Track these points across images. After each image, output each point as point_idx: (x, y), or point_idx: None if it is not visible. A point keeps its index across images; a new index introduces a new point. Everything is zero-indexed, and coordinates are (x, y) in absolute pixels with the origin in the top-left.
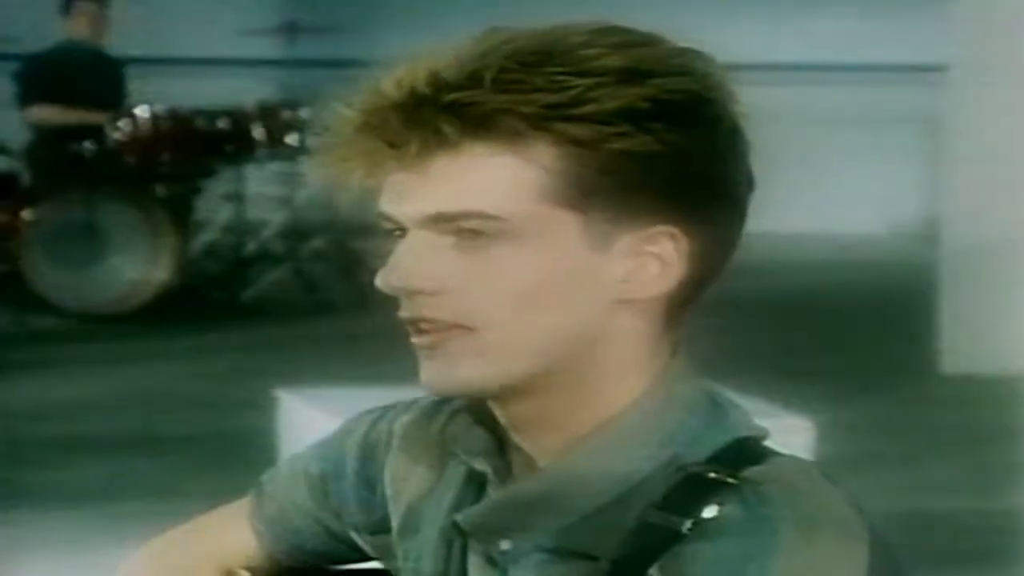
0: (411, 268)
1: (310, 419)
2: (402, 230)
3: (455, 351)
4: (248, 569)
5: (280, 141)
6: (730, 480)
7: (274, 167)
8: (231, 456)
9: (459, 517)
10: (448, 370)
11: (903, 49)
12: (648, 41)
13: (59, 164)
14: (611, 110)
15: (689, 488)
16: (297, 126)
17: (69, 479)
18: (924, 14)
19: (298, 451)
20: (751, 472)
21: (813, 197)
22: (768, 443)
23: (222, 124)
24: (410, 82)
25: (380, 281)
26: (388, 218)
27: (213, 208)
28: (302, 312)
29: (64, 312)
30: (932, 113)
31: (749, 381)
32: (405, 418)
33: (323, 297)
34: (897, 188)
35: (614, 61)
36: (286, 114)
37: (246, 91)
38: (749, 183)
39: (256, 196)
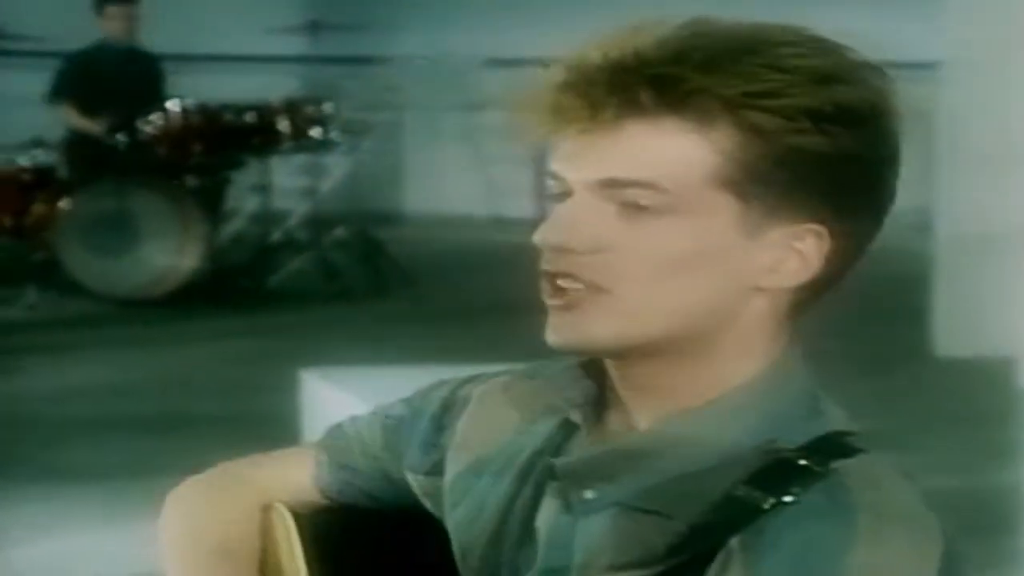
0: (572, 227)
1: (332, 399)
2: (567, 192)
3: (589, 310)
4: (287, 506)
5: (304, 134)
6: (818, 469)
7: (298, 159)
8: (256, 434)
9: (556, 462)
10: (580, 327)
11: (897, 47)
12: (838, 48)
13: (94, 157)
14: (799, 107)
15: (779, 470)
16: (320, 120)
17: (102, 456)
18: (917, 13)
19: (383, 405)
20: (839, 464)
21: None
22: (858, 442)
23: (249, 118)
24: (617, 52)
25: (538, 236)
26: (558, 178)
27: (240, 198)
28: (324, 298)
29: (99, 297)
30: (925, 109)
31: None
32: (481, 388)
33: (344, 283)
34: None
35: (812, 62)
36: (310, 109)
37: (272, 87)
38: (892, 196)
39: (281, 187)
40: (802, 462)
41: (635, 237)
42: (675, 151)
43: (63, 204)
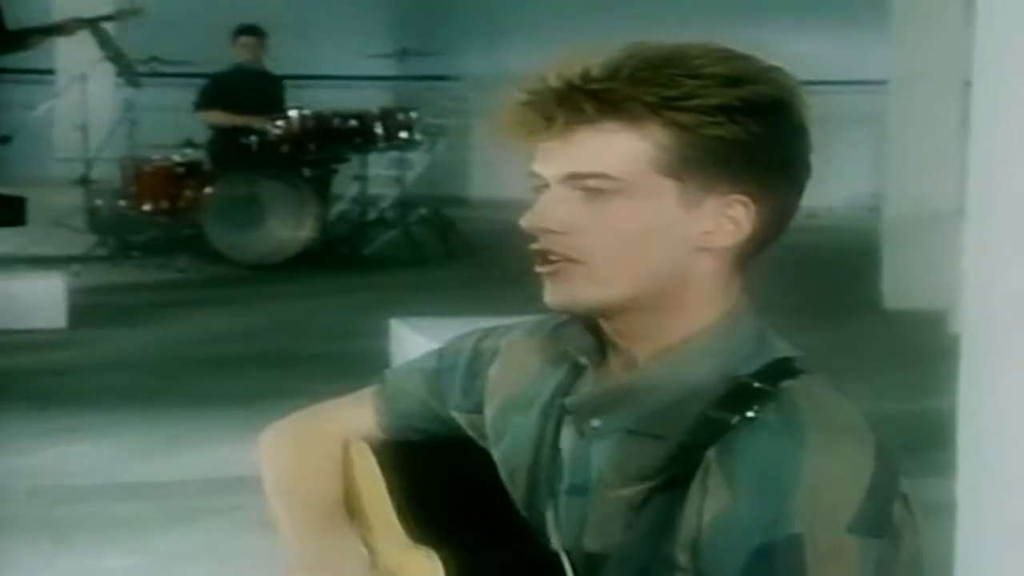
0: (548, 213)
1: (413, 341)
2: (544, 185)
3: (571, 278)
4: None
5: (395, 136)
6: (770, 389)
7: (390, 155)
8: (353, 370)
9: (568, 400)
10: (568, 292)
11: (854, 68)
12: (744, 56)
13: (231, 154)
14: (712, 105)
15: (740, 393)
16: (407, 125)
17: (233, 385)
18: (869, 39)
19: (420, 356)
20: (786, 384)
21: None
22: (800, 365)
23: (352, 123)
24: (566, 73)
25: (524, 221)
26: (536, 175)
27: (344, 186)
28: (407, 263)
29: (233, 262)
30: (877, 115)
31: None
32: (507, 337)
33: (423, 252)
34: (851, 172)
35: (718, 69)
36: (399, 116)
37: (370, 99)
38: (807, 170)
39: (376, 177)
40: (757, 384)
41: (598, 217)
42: (618, 147)
43: (207, 190)
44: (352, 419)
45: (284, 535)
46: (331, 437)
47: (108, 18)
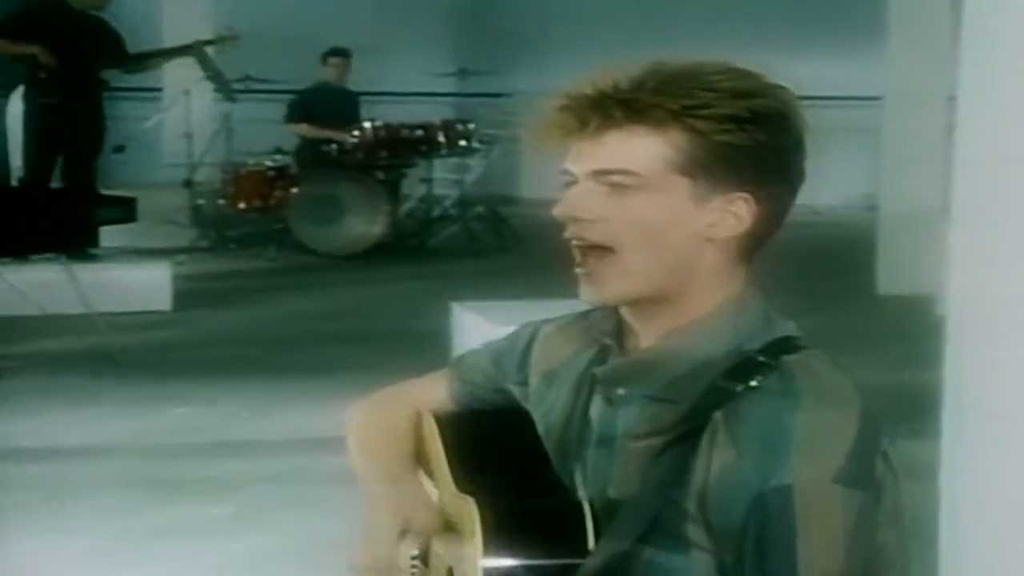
0: (578, 204)
1: (471, 321)
2: (574, 181)
3: (603, 273)
4: (432, 413)
5: (455, 144)
6: (771, 363)
7: (451, 161)
8: (418, 345)
9: (597, 371)
10: (600, 289)
11: (852, 85)
12: (753, 74)
13: (315, 159)
14: (724, 114)
15: (745, 366)
16: (466, 135)
17: (314, 358)
18: (866, 62)
19: (490, 341)
20: (786, 359)
21: None
22: (801, 342)
23: (418, 133)
24: (600, 84)
25: (556, 210)
26: (567, 172)
27: (412, 187)
28: (467, 254)
29: (316, 253)
30: (873, 126)
31: None
32: (549, 327)
33: (480, 244)
34: (850, 175)
35: (730, 84)
36: (459, 127)
37: (434, 113)
38: (802, 175)
39: (439, 179)
40: (760, 359)
41: (619, 208)
42: (641, 148)
43: (294, 191)
44: (427, 392)
45: (364, 486)
46: (407, 407)
47: (211, 42)
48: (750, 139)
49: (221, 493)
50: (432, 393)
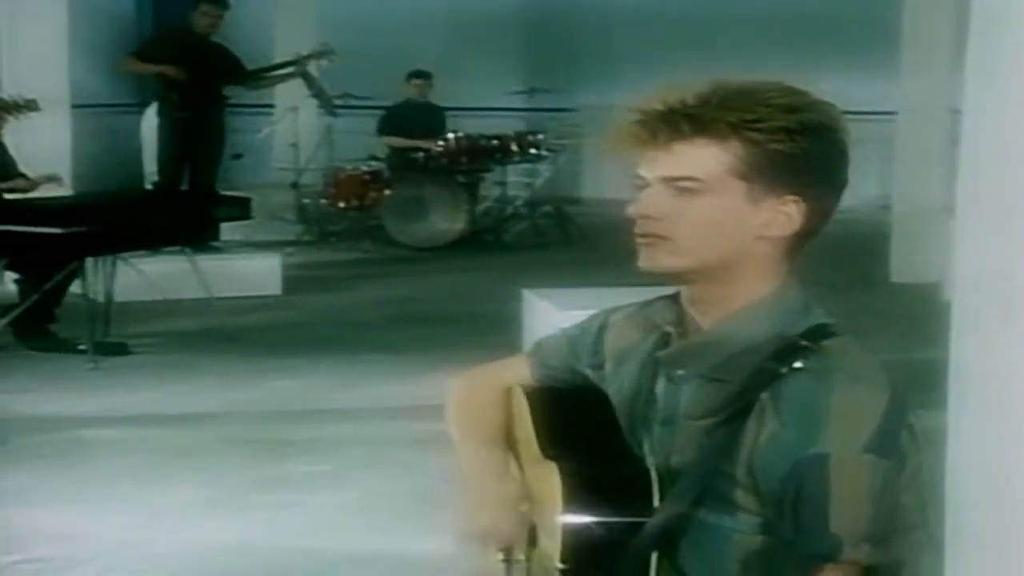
0: (649, 204)
1: (540, 307)
2: (646, 185)
3: (660, 248)
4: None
5: (527, 152)
6: (812, 346)
7: (523, 167)
8: (493, 327)
9: (660, 354)
10: (656, 258)
11: (868, 101)
12: (802, 92)
13: (404, 165)
14: (777, 127)
15: (788, 349)
16: (535, 144)
17: (398, 338)
18: (882, 81)
19: (565, 326)
20: (824, 343)
21: None
22: (835, 328)
23: (494, 143)
24: (669, 100)
25: (631, 209)
26: (640, 177)
27: (488, 189)
28: (536, 247)
29: (404, 246)
30: (887, 137)
31: None
32: (616, 316)
33: (548, 239)
34: (867, 179)
35: (783, 100)
36: (530, 138)
37: (508, 125)
38: (844, 181)
39: (512, 183)
40: (802, 343)
41: (685, 208)
42: (705, 157)
43: (386, 192)
44: (513, 371)
45: (457, 452)
46: (498, 383)
47: (309, 57)
48: (799, 148)
49: (320, 453)
50: (517, 373)
